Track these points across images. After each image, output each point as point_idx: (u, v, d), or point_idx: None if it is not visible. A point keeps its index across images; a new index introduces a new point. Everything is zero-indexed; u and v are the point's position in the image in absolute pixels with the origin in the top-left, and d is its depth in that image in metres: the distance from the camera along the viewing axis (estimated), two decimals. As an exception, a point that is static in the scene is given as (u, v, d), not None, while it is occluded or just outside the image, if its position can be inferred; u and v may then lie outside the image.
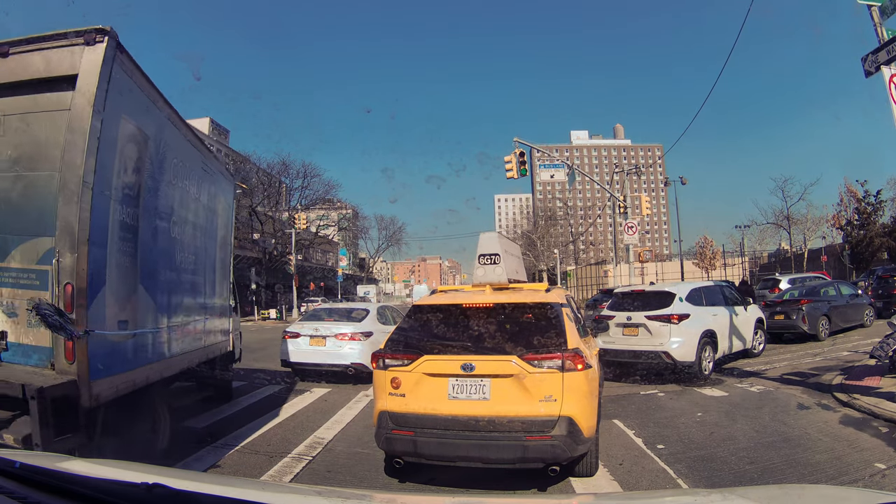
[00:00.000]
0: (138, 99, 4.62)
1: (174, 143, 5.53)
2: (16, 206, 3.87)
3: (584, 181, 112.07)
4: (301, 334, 9.92)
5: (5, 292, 3.90)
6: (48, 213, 3.74)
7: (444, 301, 4.98)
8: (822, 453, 4.85)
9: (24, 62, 3.89)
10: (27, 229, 3.86)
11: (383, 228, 67.34)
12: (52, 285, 3.76)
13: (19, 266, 3.87)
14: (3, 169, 3.89)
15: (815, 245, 45.40)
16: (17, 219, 3.87)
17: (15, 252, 3.87)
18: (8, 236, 3.89)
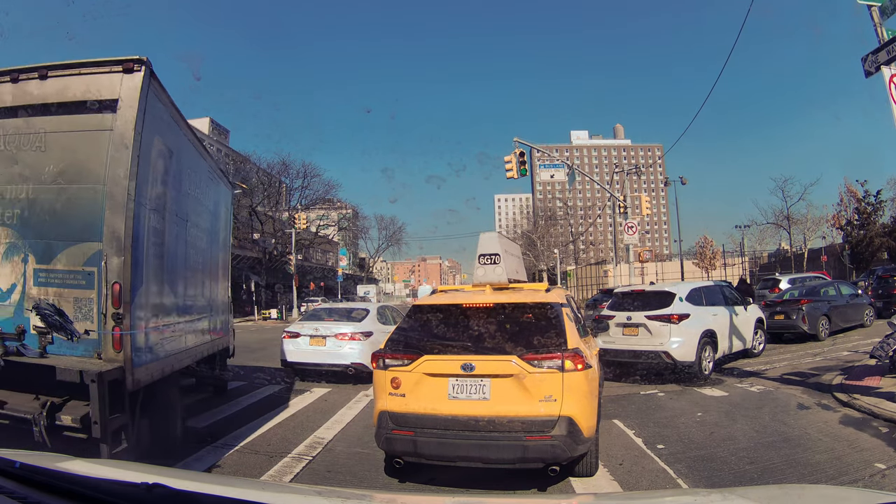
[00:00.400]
0: (166, 119, 5.15)
1: (189, 156, 6.10)
2: (60, 215, 4.30)
3: (584, 181, 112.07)
4: (301, 334, 9.91)
5: (51, 291, 4.30)
6: (92, 221, 4.22)
7: (444, 301, 4.98)
8: (822, 453, 4.85)
9: (63, 85, 4.36)
10: (72, 235, 4.29)
11: (383, 228, 67.40)
12: (99, 284, 4.19)
13: (65, 268, 4.29)
14: (46, 182, 4.31)
15: (815, 245, 45.42)
16: (62, 226, 4.30)
17: (60, 256, 4.29)
18: (53, 242, 4.30)
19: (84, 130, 4.36)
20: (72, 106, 4.36)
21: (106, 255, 4.17)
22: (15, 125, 4.41)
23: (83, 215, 4.29)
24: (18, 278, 4.35)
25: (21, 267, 4.35)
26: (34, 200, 4.35)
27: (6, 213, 4.36)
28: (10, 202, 4.34)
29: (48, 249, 4.32)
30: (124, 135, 4.26)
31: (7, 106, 4.43)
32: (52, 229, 4.33)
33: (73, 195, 4.32)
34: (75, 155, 4.35)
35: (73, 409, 3.97)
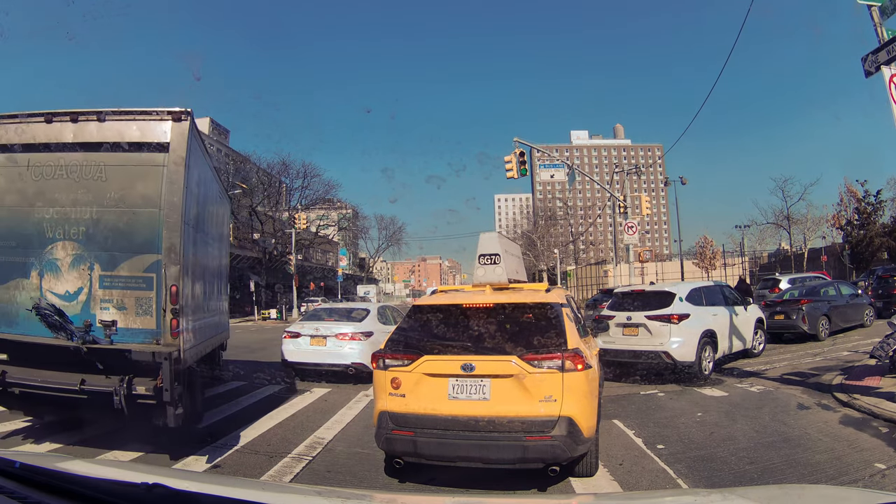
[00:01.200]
0: (200, 155, 6.32)
1: (209, 181, 7.19)
2: (122, 231, 5.26)
3: (584, 181, 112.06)
4: (302, 334, 9.93)
5: (115, 293, 5.23)
6: (151, 238, 5.21)
7: (444, 301, 4.98)
8: (822, 453, 4.85)
9: (120, 128, 5.34)
10: (133, 248, 5.26)
11: (383, 228, 67.38)
12: (159, 287, 5.16)
13: (128, 274, 5.24)
14: (108, 205, 5.26)
15: (815, 245, 45.43)
16: (124, 241, 5.26)
17: (123, 265, 5.25)
18: (116, 253, 5.25)
19: (139, 165, 5.36)
20: (127, 146, 5.34)
21: (165, 264, 5.16)
22: (75, 158, 5.35)
23: (143, 232, 5.27)
24: (85, 283, 5.28)
25: (87, 274, 5.28)
26: (97, 220, 5.30)
27: (72, 230, 5.31)
28: (74, 221, 5.30)
29: (112, 259, 5.27)
30: (177, 171, 5.28)
31: (68, 142, 5.33)
32: (116, 243, 5.27)
33: (134, 216, 5.30)
34: (133, 184, 5.32)
35: (141, 382, 4.93)
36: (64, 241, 5.33)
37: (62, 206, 5.37)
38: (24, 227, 5.37)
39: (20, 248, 5.35)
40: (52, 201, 5.36)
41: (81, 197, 5.34)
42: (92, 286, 5.30)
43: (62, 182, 5.37)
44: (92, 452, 5.25)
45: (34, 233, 5.36)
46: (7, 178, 5.42)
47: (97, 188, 5.33)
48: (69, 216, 5.34)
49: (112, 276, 5.27)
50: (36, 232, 5.36)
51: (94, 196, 5.33)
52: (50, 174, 5.39)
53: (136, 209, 5.32)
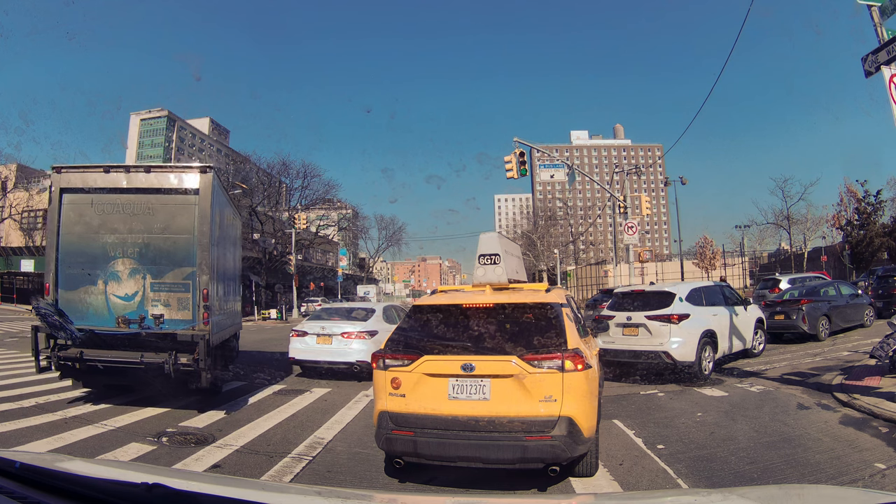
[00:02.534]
0: (220, 194, 8.39)
1: (225, 209, 9.02)
2: (166, 251, 7.22)
3: (584, 181, 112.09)
4: (308, 333, 10.23)
5: (162, 295, 7.19)
6: (188, 255, 7.20)
7: (444, 301, 4.97)
8: (822, 453, 4.85)
9: (162, 177, 7.38)
10: (174, 263, 7.22)
11: (383, 228, 67.37)
12: (195, 290, 7.16)
13: (171, 281, 7.20)
14: (155, 232, 7.25)
15: (815, 245, 45.41)
16: (168, 258, 7.22)
17: (168, 274, 7.20)
18: (163, 266, 7.21)
19: (177, 204, 7.29)
20: (168, 190, 7.31)
21: (198, 274, 7.16)
22: (128, 199, 7.29)
23: (182, 251, 7.22)
24: (139, 288, 7.19)
25: (141, 281, 7.19)
26: (148, 243, 7.22)
27: (129, 251, 7.24)
28: (131, 244, 7.25)
29: (159, 271, 7.20)
30: (205, 209, 7.26)
31: (123, 187, 7.31)
32: (162, 259, 7.21)
33: (175, 240, 7.24)
34: (173, 217, 7.27)
35: (183, 356, 6.92)
36: (123, 258, 7.27)
37: (121, 233, 7.30)
38: (91, 248, 7.27)
39: (88, 264, 7.24)
40: (113, 230, 7.30)
41: (135, 226, 7.28)
42: (145, 290, 7.22)
43: (120, 216, 7.31)
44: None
45: (99, 252, 7.25)
46: (76, 213, 7.33)
47: (147, 220, 7.30)
48: (126, 240, 7.29)
49: (160, 283, 7.23)
50: (101, 252, 7.25)
51: (145, 226, 7.29)
52: (110, 210, 7.30)
53: (176, 235, 7.29)
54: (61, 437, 5.82)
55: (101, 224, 7.34)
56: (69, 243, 7.32)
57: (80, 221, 7.35)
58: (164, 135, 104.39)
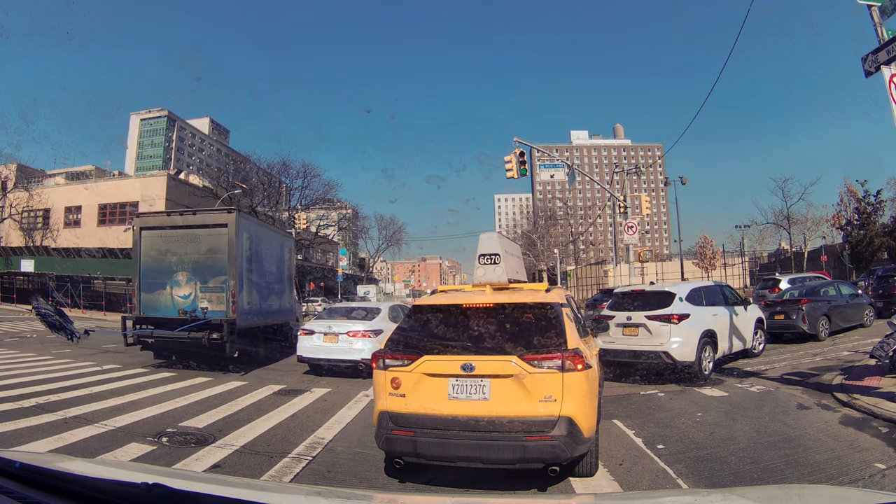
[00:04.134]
0: (248, 223, 11.96)
1: (259, 232, 12.84)
2: (209, 266, 11.04)
3: (584, 181, 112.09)
4: (315, 331, 10.60)
5: (207, 294, 11.01)
6: (222, 268, 10.96)
7: (444, 301, 4.97)
8: (822, 453, 4.85)
9: (205, 217, 11.78)
10: (214, 273, 11.04)
11: (383, 228, 67.32)
12: (227, 291, 10.84)
13: (213, 286, 11.00)
14: (201, 253, 11.08)
15: (815, 245, 45.40)
16: (210, 270, 11.05)
17: (211, 281, 11.01)
18: (207, 276, 11.04)
19: (215, 235, 11.08)
20: (209, 225, 11.26)
21: (230, 280, 10.74)
22: (184, 232, 11.36)
23: (219, 265, 10.98)
24: (193, 291, 11.06)
25: (194, 286, 11.09)
26: (197, 261, 11.11)
27: (186, 266, 11.16)
28: (187, 262, 11.16)
29: (205, 279, 11.05)
30: (232, 237, 10.96)
31: (179, 224, 11.45)
32: (207, 271, 11.10)
33: (214, 258, 10.99)
34: (212, 242, 11.08)
35: (214, 334, 10.47)
36: (181, 271, 11.27)
37: (180, 255, 11.30)
38: (160, 265, 11.40)
39: (160, 275, 11.38)
40: (175, 253, 11.33)
41: (189, 250, 11.28)
42: (196, 292, 11.18)
43: (178, 243, 11.33)
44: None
45: (167, 267, 11.32)
46: (152, 242, 11.56)
47: (196, 245, 11.27)
48: (183, 259, 11.29)
49: (205, 287, 11.17)
50: (167, 267, 11.32)
51: (195, 249, 11.26)
52: (172, 240, 11.40)
53: (215, 255, 11.18)
54: (61, 437, 5.81)
55: (167, 249, 11.46)
56: (147, 263, 11.53)
57: (153, 248, 11.56)
58: (164, 135, 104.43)
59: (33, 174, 50.49)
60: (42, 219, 42.86)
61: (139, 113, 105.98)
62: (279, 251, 14.42)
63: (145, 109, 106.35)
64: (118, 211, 41.74)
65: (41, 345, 15.36)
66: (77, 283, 34.58)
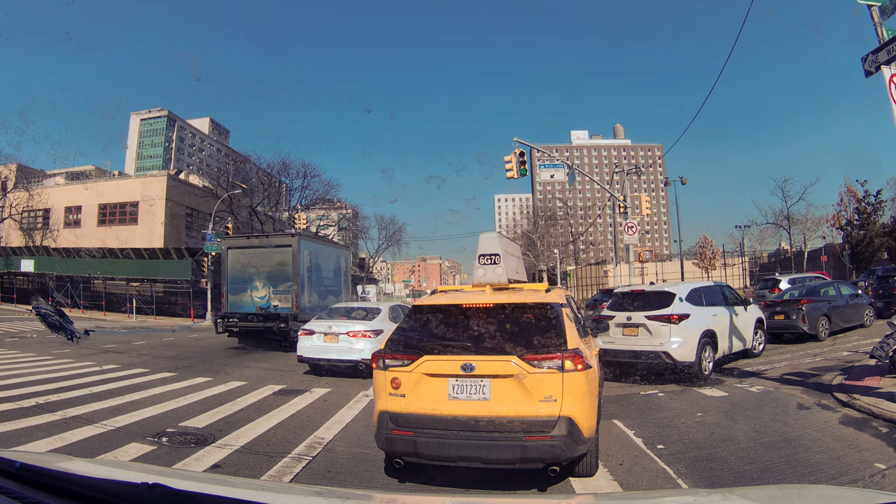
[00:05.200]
0: (308, 243, 17.08)
1: (318, 248, 17.88)
2: (279, 275, 15.76)
3: (584, 181, 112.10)
4: (316, 331, 10.58)
5: (278, 295, 15.59)
6: (289, 277, 15.62)
7: (444, 301, 4.97)
8: (822, 453, 4.85)
9: (274, 240, 17.02)
10: (283, 280, 15.71)
11: (383, 228, 67.27)
12: (292, 293, 15.42)
13: (282, 289, 15.67)
14: (273, 266, 15.88)
15: (815, 245, 45.39)
16: (280, 278, 15.74)
17: (280, 286, 15.71)
18: (278, 282, 15.77)
19: (283, 252, 15.78)
20: (278, 245, 16.17)
21: (294, 286, 15.42)
22: (260, 251, 16.21)
23: (286, 275, 15.61)
24: (267, 293, 15.64)
25: (268, 289, 15.70)
26: (271, 271, 15.84)
27: (262, 275, 15.89)
28: (264, 272, 15.90)
29: (276, 284, 15.70)
30: (296, 254, 15.62)
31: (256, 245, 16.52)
32: (277, 278, 15.72)
33: (283, 269, 15.64)
34: (281, 258, 15.74)
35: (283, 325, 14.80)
36: (259, 279, 15.71)
37: (257, 267, 15.81)
38: (243, 275, 15.89)
39: (242, 282, 15.83)
40: (254, 266, 15.85)
41: (264, 263, 15.77)
42: (270, 294, 15.48)
43: (256, 258, 15.89)
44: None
45: (248, 277, 15.82)
46: (235, 258, 16.08)
47: (269, 260, 15.78)
48: (260, 270, 15.78)
49: (277, 290, 15.46)
50: (248, 276, 15.81)
51: (268, 263, 15.74)
52: (251, 256, 15.95)
53: (283, 266, 15.51)
54: (61, 437, 5.81)
55: (248, 263, 15.96)
56: (233, 273, 16.01)
57: (237, 262, 16.06)
58: (164, 135, 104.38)
59: (33, 174, 50.44)
60: (42, 219, 42.85)
61: (139, 113, 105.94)
62: (336, 261, 19.46)
63: (145, 109, 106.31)
64: (118, 211, 41.76)
65: (41, 345, 15.36)
66: (77, 283, 34.59)
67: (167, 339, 19.53)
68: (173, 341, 18.52)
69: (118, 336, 20.05)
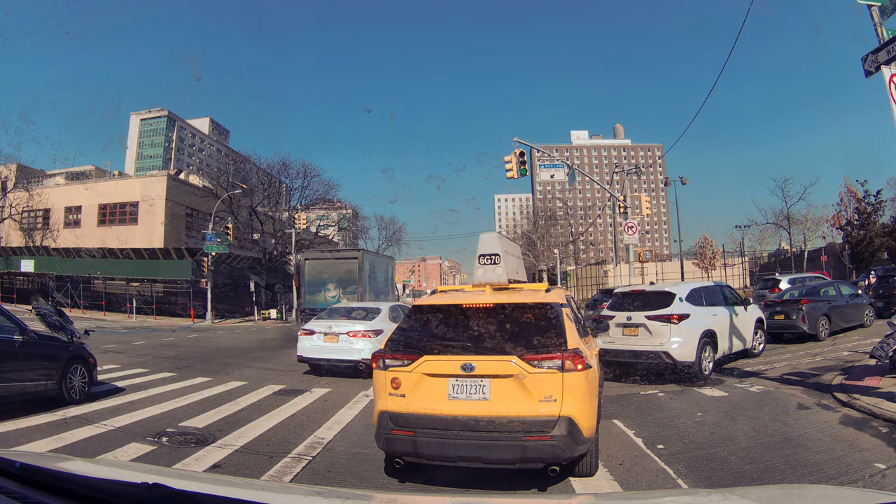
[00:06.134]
0: (368, 256, 27.07)
1: (374, 260, 28.12)
2: (346, 279, 24.86)
3: (584, 181, 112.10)
4: (316, 331, 10.56)
5: (346, 296, 23.75)
6: (355, 280, 24.61)
7: (444, 301, 4.97)
8: (822, 453, 4.85)
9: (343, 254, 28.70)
10: (350, 284, 24.68)
11: (383, 228, 67.18)
12: (358, 293, 24.06)
13: (349, 290, 24.45)
14: (342, 273, 25.10)
15: (815, 245, 45.38)
16: (347, 282, 24.75)
17: (348, 287, 24.57)
18: (346, 285, 24.69)
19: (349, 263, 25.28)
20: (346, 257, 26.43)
21: (359, 288, 24.25)
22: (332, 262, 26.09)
23: (353, 280, 24.63)
24: (337, 293, 24.23)
25: (338, 291, 24.55)
26: (341, 277, 25.01)
27: (333, 280, 25.10)
28: (334, 277, 25.15)
29: (345, 287, 24.63)
30: (361, 264, 24.86)
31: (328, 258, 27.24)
32: (345, 282, 24.78)
33: (351, 275, 24.69)
34: (348, 267, 25.07)
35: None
36: (330, 283, 24.96)
37: (330, 274, 25.25)
38: (317, 280, 25.31)
39: (316, 286, 25.20)
40: (327, 273, 25.31)
41: (335, 271, 25.25)
42: (339, 294, 24.01)
43: (328, 267, 25.50)
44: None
45: (322, 281, 25.16)
46: (311, 267, 25.81)
47: (338, 269, 25.18)
48: (332, 276, 25.13)
49: (345, 291, 24.25)
50: (322, 281, 25.17)
51: (338, 271, 25.14)
52: (324, 266, 25.67)
53: (350, 274, 24.67)
54: (61, 437, 5.82)
55: (322, 271, 25.00)
56: (309, 278, 25.11)
57: (313, 270, 25.18)
58: (164, 135, 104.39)
59: (33, 174, 50.42)
60: (42, 219, 42.83)
61: (139, 113, 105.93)
62: (385, 269, 28.42)
63: (145, 109, 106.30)
64: (118, 211, 41.74)
65: (41, 345, 15.35)
66: (77, 283, 34.60)
67: (167, 339, 19.54)
68: (173, 341, 18.53)
69: (118, 336, 20.07)
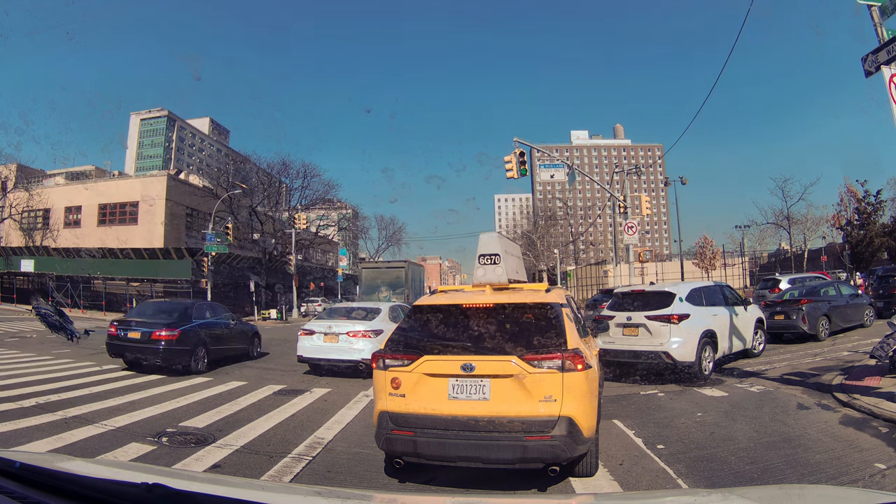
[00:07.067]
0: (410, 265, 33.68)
1: (414, 268, 34.64)
2: (396, 284, 30.44)
3: (584, 181, 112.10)
4: (316, 331, 10.57)
5: (395, 296, 28.57)
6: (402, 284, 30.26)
7: (444, 301, 4.97)
8: (822, 453, 4.85)
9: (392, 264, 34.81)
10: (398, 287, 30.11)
11: (383, 228, 67.41)
12: (405, 295, 28.77)
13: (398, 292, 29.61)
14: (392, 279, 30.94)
15: (815, 245, 45.39)
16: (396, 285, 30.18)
17: (397, 290, 29.84)
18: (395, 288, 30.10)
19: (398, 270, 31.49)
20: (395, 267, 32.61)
21: (406, 290, 29.58)
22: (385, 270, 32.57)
23: (401, 284, 30.20)
24: (389, 294, 29.11)
25: (389, 292, 29.52)
26: (391, 281, 30.48)
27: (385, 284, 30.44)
28: (386, 282, 30.58)
29: (395, 289, 29.85)
30: (407, 272, 31.15)
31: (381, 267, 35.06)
32: (395, 286, 30.07)
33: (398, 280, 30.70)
34: (397, 274, 31.08)
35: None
36: (384, 287, 30.00)
37: (383, 280, 30.73)
38: (372, 285, 30.53)
39: (372, 288, 30.24)
40: (381, 279, 30.82)
41: (387, 277, 30.95)
42: (390, 295, 28.64)
43: (382, 274, 31.47)
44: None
45: (376, 285, 30.27)
46: (367, 274, 32.16)
47: (390, 275, 30.90)
48: (385, 281, 30.47)
49: (394, 293, 29.15)
50: (376, 285, 30.30)
51: (389, 277, 30.76)
52: (378, 273, 31.74)
53: (398, 279, 30.32)
54: (61, 437, 5.81)
55: (375, 277, 30.87)
56: (366, 283, 30.86)
57: (369, 277, 31.29)
58: (164, 135, 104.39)
59: (33, 174, 50.46)
60: (42, 219, 42.85)
61: (139, 113, 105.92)
62: (420, 275, 34.19)
63: (145, 109, 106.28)
64: (118, 211, 41.76)
65: (41, 345, 15.35)
66: (77, 283, 34.62)
67: (167, 339, 19.50)
68: (173, 341, 18.49)
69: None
